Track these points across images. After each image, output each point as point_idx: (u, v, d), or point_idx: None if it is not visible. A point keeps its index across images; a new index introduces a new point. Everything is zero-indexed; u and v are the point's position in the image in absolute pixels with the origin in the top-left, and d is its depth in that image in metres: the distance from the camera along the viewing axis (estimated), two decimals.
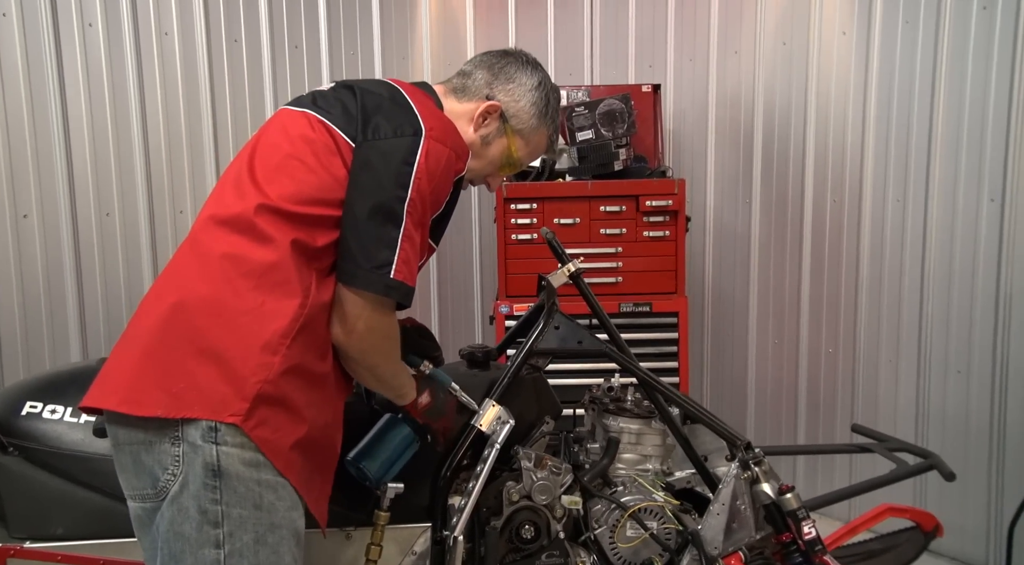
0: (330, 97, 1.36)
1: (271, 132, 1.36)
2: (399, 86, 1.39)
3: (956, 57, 2.50)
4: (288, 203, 1.23)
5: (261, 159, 1.31)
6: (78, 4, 2.31)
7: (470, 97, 1.47)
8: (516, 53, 1.51)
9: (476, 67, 1.49)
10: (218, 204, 1.29)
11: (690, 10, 3.22)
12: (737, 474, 1.56)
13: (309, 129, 1.31)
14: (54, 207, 2.32)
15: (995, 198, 2.46)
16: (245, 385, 1.14)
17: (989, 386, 2.51)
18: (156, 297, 1.26)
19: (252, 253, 1.21)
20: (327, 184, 1.25)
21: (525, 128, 1.49)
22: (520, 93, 1.47)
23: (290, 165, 1.27)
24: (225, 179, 1.35)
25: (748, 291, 3.18)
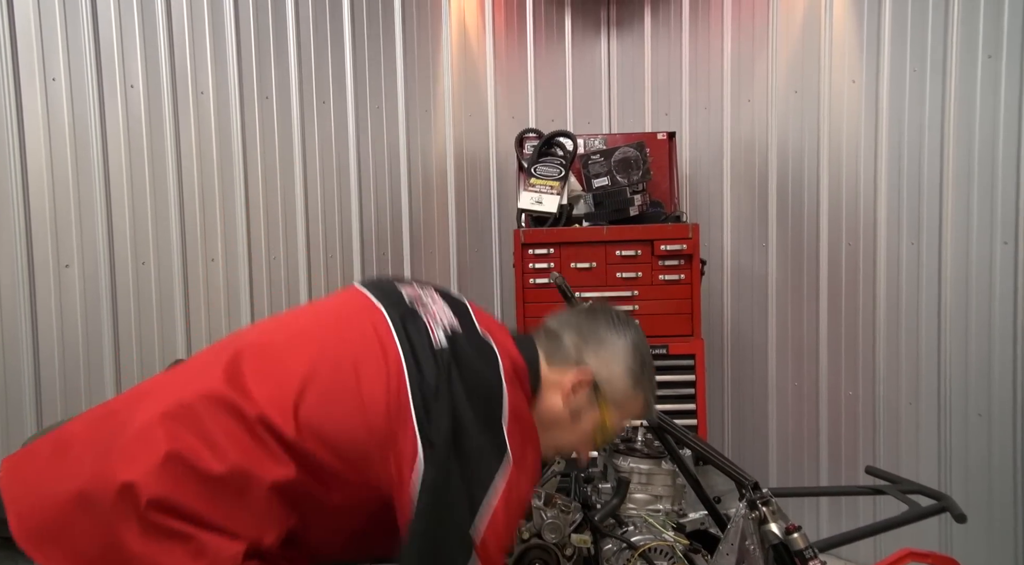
0: (429, 357, 1.17)
1: (358, 346, 1.18)
2: (502, 370, 1.20)
3: (964, 104, 2.55)
4: (319, 446, 1.11)
5: (332, 379, 1.15)
6: (121, 67, 2.47)
7: (560, 364, 1.31)
8: (604, 310, 1.38)
9: (563, 327, 1.34)
10: (257, 380, 1.14)
11: (704, 60, 3.32)
12: (745, 514, 1.58)
13: (394, 397, 1.13)
14: (94, 257, 2.45)
15: (1008, 241, 2.48)
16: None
17: (1011, 429, 2.49)
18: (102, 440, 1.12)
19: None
20: (362, 466, 1.12)
21: (619, 396, 1.33)
22: (612, 357, 1.32)
23: (343, 410, 1.13)
24: (285, 349, 1.19)
25: (767, 333, 3.20)
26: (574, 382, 1.29)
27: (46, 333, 2.38)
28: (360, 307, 1.27)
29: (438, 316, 1.25)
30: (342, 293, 1.36)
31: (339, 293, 1.37)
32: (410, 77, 3.18)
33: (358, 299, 1.30)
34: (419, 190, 3.23)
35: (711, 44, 3.29)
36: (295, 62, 2.85)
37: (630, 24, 3.51)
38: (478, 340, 1.25)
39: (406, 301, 1.28)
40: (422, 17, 3.22)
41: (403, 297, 1.29)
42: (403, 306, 1.26)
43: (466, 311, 1.32)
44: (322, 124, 2.95)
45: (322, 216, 2.96)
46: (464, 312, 1.32)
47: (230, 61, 2.70)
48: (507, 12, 3.43)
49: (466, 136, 3.36)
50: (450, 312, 1.28)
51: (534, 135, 3.11)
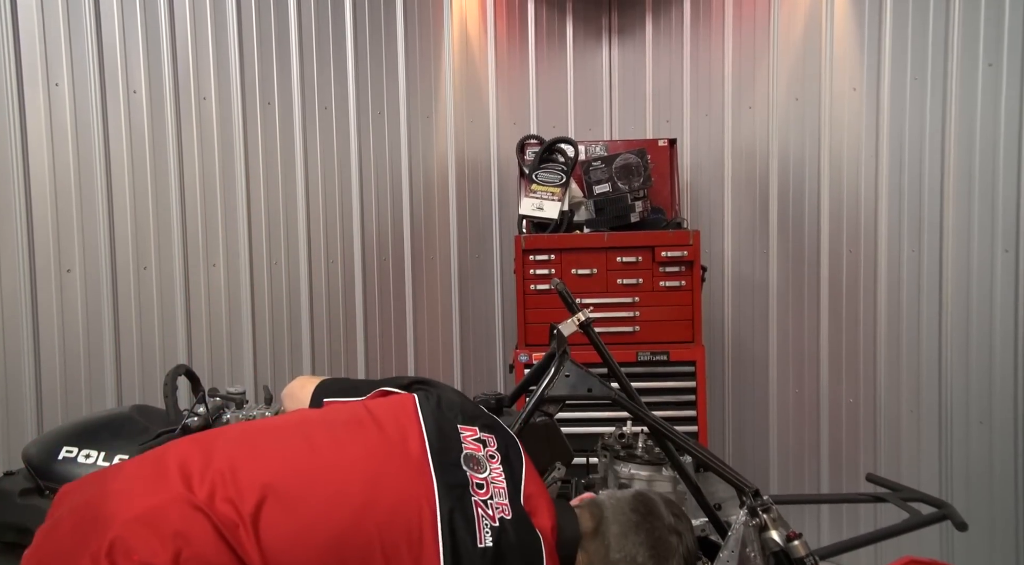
0: (471, 551, 1.13)
1: (400, 517, 1.14)
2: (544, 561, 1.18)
3: (965, 112, 2.55)
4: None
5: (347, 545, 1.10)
6: (124, 72, 2.48)
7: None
8: (673, 549, 1.30)
9: (626, 559, 1.27)
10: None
11: (705, 67, 3.33)
12: (746, 521, 1.58)
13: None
14: (95, 261, 2.45)
15: (1009, 248, 2.48)
16: None
17: (1012, 436, 2.49)
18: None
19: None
20: None
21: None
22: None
23: None
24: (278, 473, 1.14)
25: (767, 340, 3.20)
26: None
27: (47, 337, 2.39)
28: (411, 471, 1.19)
29: (489, 496, 1.21)
30: (396, 424, 1.26)
31: (394, 421, 1.27)
32: (412, 83, 3.19)
33: (412, 453, 1.21)
34: (420, 196, 3.24)
35: (712, 51, 3.30)
36: (297, 67, 2.86)
37: (631, 31, 3.52)
38: (528, 533, 1.20)
39: (461, 466, 1.22)
40: (424, 23, 3.23)
41: (459, 458, 1.23)
42: (455, 475, 1.20)
43: (519, 474, 1.27)
44: (324, 130, 2.96)
45: (324, 221, 2.96)
46: (516, 475, 1.27)
47: (233, 67, 2.71)
48: (508, 18, 3.44)
49: (467, 142, 3.37)
50: (504, 487, 1.23)
51: (535, 141, 3.11)
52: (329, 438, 1.24)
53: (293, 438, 1.24)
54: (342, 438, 1.24)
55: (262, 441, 1.23)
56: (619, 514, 1.30)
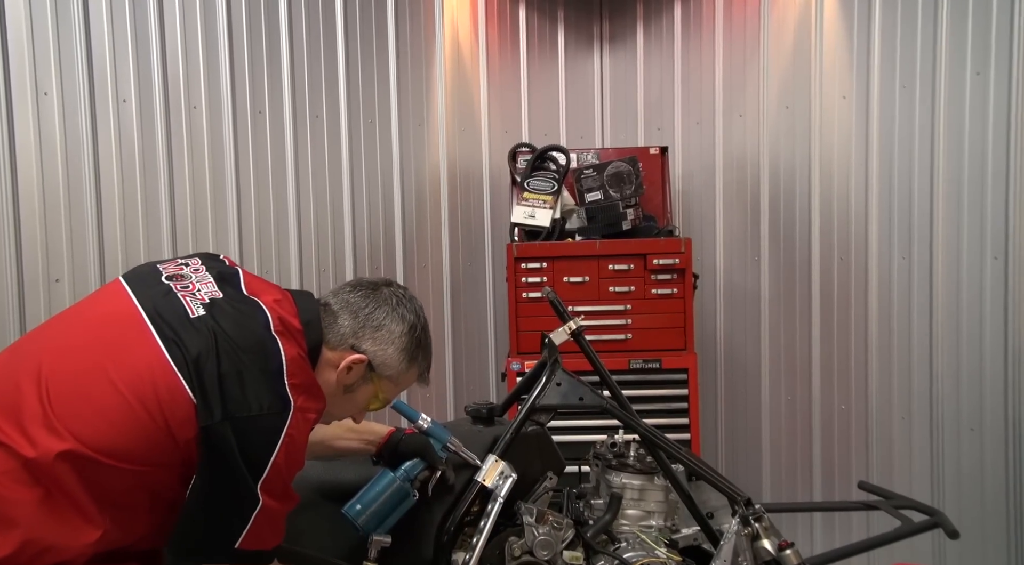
0: (183, 325, 1.19)
1: (101, 342, 1.20)
2: (271, 323, 1.24)
3: (953, 120, 2.57)
4: (91, 450, 1.11)
5: (75, 374, 1.16)
6: (113, 81, 2.47)
7: (335, 345, 1.34)
8: (383, 292, 1.40)
9: (342, 309, 1.37)
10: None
11: (696, 75, 3.34)
12: (738, 530, 1.57)
13: (149, 371, 1.15)
14: (84, 272, 2.44)
15: (998, 256, 2.49)
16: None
17: (1003, 443, 2.50)
18: None
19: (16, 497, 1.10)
20: (149, 442, 1.13)
21: (394, 373, 1.39)
22: (388, 340, 1.36)
23: (111, 404, 1.13)
24: (20, 363, 1.19)
25: (760, 348, 3.20)
26: (347, 364, 1.33)
27: None
28: (114, 304, 1.26)
29: (197, 289, 1.27)
30: (101, 292, 1.36)
31: (99, 291, 1.37)
32: (403, 91, 3.19)
33: (116, 299, 1.28)
34: (412, 204, 3.23)
35: (703, 59, 3.32)
36: (288, 76, 2.86)
37: (623, 39, 3.53)
38: (241, 300, 1.28)
39: (163, 281, 1.28)
40: (416, 31, 3.23)
41: (160, 279, 1.29)
42: (157, 288, 1.27)
43: (234, 279, 1.34)
44: (315, 138, 2.95)
45: (315, 230, 2.95)
46: (232, 279, 1.33)
47: (223, 76, 2.70)
48: (500, 27, 3.45)
49: (459, 150, 3.37)
50: (212, 281, 1.30)
51: (527, 149, 3.12)
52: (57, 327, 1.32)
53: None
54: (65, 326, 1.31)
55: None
56: (350, 292, 1.40)
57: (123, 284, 1.31)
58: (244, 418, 1.14)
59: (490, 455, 1.57)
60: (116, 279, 1.35)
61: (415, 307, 1.42)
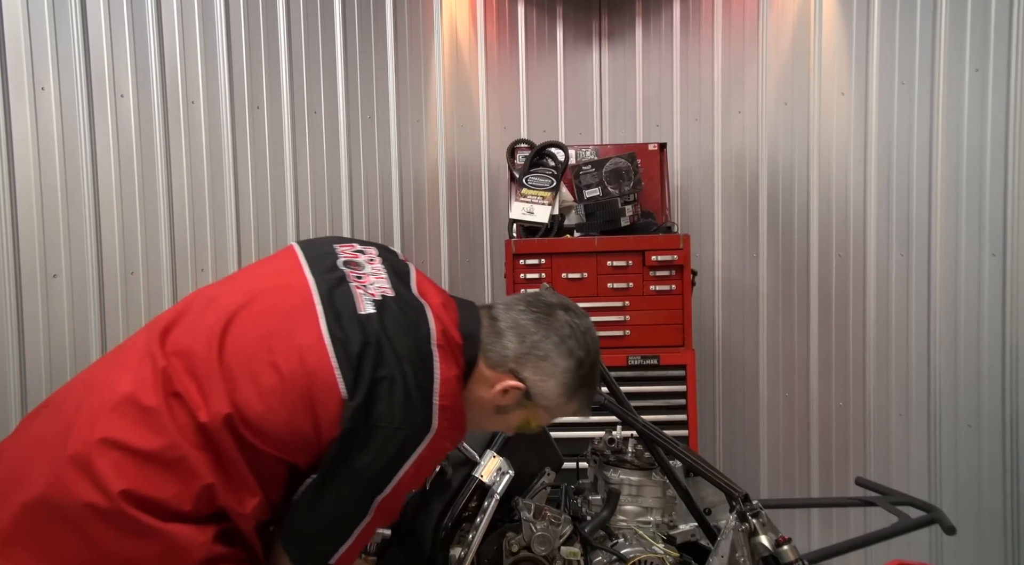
0: (351, 321, 1.16)
1: (273, 316, 1.18)
2: (433, 337, 1.19)
3: (952, 117, 2.57)
4: (245, 426, 1.11)
5: (245, 345, 1.15)
6: (111, 76, 2.47)
7: (495, 366, 1.28)
8: (558, 318, 1.30)
9: (509, 329, 1.29)
10: (181, 361, 1.14)
11: (694, 71, 3.34)
12: (735, 526, 1.57)
13: (312, 361, 1.13)
14: (82, 267, 2.43)
15: (996, 253, 2.49)
16: (190, 555, 1.12)
17: (1000, 440, 2.50)
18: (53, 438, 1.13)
19: (193, 454, 1.11)
20: (295, 431, 1.13)
21: (551, 404, 1.32)
22: (550, 372, 1.29)
23: (270, 387, 1.12)
24: (198, 320, 1.20)
25: (758, 344, 3.20)
26: (502, 388, 1.27)
27: (33, 344, 2.36)
28: (290, 278, 1.24)
29: (370, 282, 1.24)
30: (279, 259, 1.32)
31: (277, 258, 1.34)
32: (402, 87, 3.18)
33: (291, 270, 1.26)
34: (411, 200, 3.23)
35: (702, 55, 3.31)
36: (286, 72, 2.85)
37: (621, 35, 3.52)
38: (410, 304, 1.23)
39: (338, 267, 1.26)
40: (414, 27, 3.22)
41: (336, 263, 1.27)
42: (333, 273, 1.24)
43: (406, 276, 1.31)
44: (313, 134, 2.94)
45: (312, 226, 2.95)
46: (404, 276, 1.30)
47: (221, 71, 2.69)
48: (499, 23, 3.44)
49: (458, 146, 3.36)
50: (386, 277, 1.27)
51: (526, 146, 3.11)
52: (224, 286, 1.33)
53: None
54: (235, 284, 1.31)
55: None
56: (506, 299, 1.37)
57: (300, 258, 1.28)
58: (387, 428, 1.11)
59: (488, 451, 1.58)
60: (292, 247, 1.33)
61: (587, 341, 1.31)
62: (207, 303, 1.24)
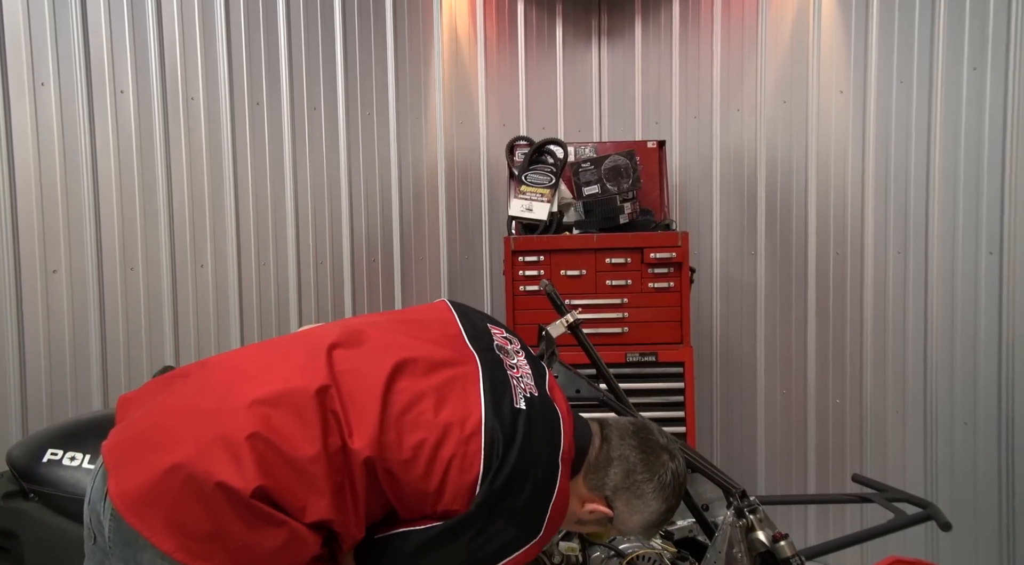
0: (508, 414, 1.23)
1: (447, 380, 1.26)
2: (562, 449, 1.27)
3: (950, 115, 2.58)
4: (384, 469, 1.18)
5: (408, 390, 1.22)
6: (111, 72, 2.47)
7: (591, 486, 1.36)
8: (663, 461, 1.38)
9: (619, 460, 1.37)
10: (352, 382, 1.21)
11: (693, 69, 3.34)
12: (733, 522, 1.59)
13: (466, 425, 1.20)
14: (81, 262, 2.44)
15: (993, 251, 2.50)
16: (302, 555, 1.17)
17: (996, 437, 2.51)
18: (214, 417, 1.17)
19: (331, 474, 1.17)
20: (420, 491, 1.19)
21: (626, 529, 1.43)
22: (640, 510, 1.38)
23: (420, 436, 1.19)
24: (384, 352, 1.26)
25: (755, 341, 3.21)
26: (591, 509, 1.36)
27: (33, 338, 2.37)
28: (457, 347, 1.32)
29: (520, 375, 1.32)
30: (437, 313, 1.39)
31: (433, 312, 1.40)
32: (401, 84, 3.19)
33: (454, 337, 1.34)
34: (410, 197, 3.23)
35: (701, 53, 3.32)
36: (286, 68, 2.85)
37: (621, 33, 3.53)
38: (551, 409, 1.31)
39: (495, 350, 1.34)
40: (413, 24, 3.23)
41: (493, 345, 1.35)
42: (490, 354, 1.32)
43: (543, 377, 1.37)
44: (313, 130, 2.95)
45: (312, 222, 2.95)
46: (541, 377, 1.37)
47: (221, 67, 2.70)
48: (498, 20, 3.45)
49: (457, 143, 3.37)
50: (531, 373, 1.35)
51: (525, 143, 3.12)
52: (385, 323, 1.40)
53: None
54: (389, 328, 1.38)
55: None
56: (618, 424, 1.42)
57: (458, 325, 1.37)
58: (505, 523, 1.18)
59: None
60: (447, 306, 1.42)
61: (680, 488, 1.41)
62: (376, 337, 1.29)
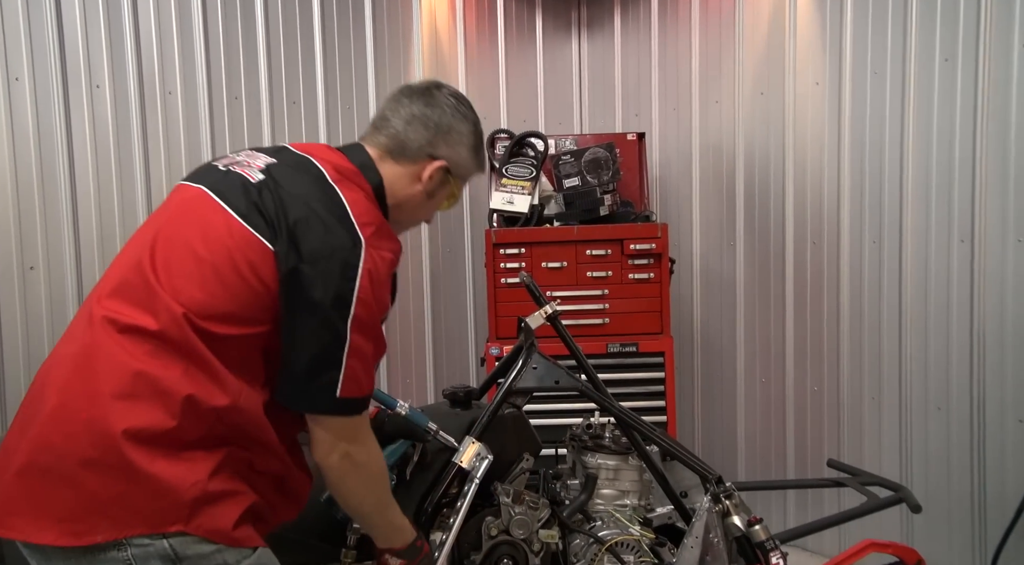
0: (246, 191, 1.26)
1: (180, 223, 1.26)
2: (326, 174, 1.30)
3: (922, 106, 2.62)
4: (200, 318, 1.17)
5: (167, 257, 1.22)
6: (87, 67, 2.45)
7: (411, 158, 1.42)
8: (442, 97, 1.46)
9: (408, 125, 1.42)
10: (120, 301, 1.19)
11: (672, 62, 3.36)
12: (709, 507, 1.62)
13: (227, 234, 1.22)
14: (59, 259, 2.43)
15: (965, 239, 2.55)
16: (179, 496, 1.12)
17: (968, 422, 2.56)
18: (56, 396, 1.15)
19: (163, 372, 1.14)
20: (244, 301, 1.19)
21: (465, 170, 1.50)
22: (459, 141, 1.46)
23: (204, 274, 1.19)
24: (124, 266, 1.24)
25: (735, 331, 3.25)
26: (429, 173, 1.43)
27: (10, 335, 2.36)
28: (186, 195, 1.32)
29: (251, 164, 1.33)
30: (172, 195, 1.38)
31: (171, 196, 1.38)
32: (381, 77, 3.18)
33: (183, 190, 1.33)
34: None
35: (679, 46, 3.34)
36: (264, 62, 2.85)
37: (600, 25, 3.54)
38: (294, 159, 1.34)
39: (220, 168, 1.34)
40: (393, 17, 3.22)
41: (217, 168, 1.34)
42: (216, 174, 1.33)
43: (285, 148, 1.40)
44: (292, 125, 2.94)
45: None
46: (283, 149, 1.40)
47: (199, 61, 2.69)
48: (478, 13, 3.45)
49: None
50: (266, 155, 1.36)
51: (505, 136, 3.13)
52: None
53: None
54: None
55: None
56: (406, 102, 1.46)
57: (185, 182, 1.36)
58: (323, 259, 1.19)
59: (467, 438, 1.60)
60: (176, 184, 1.40)
61: (468, 103, 1.50)
62: (123, 256, 1.29)
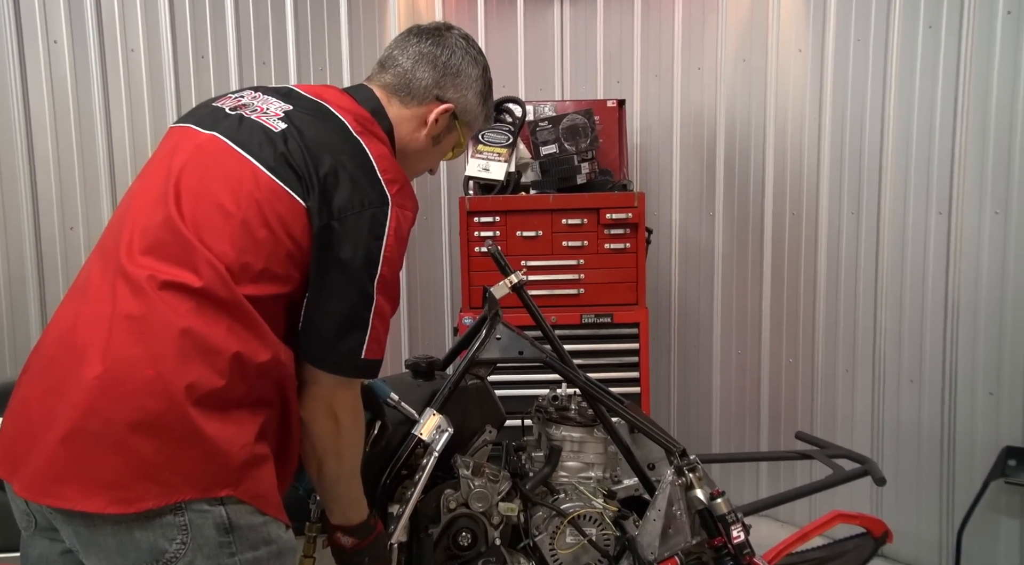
0: (272, 141, 1.20)
1: (203, 176, 1.19)
2: (348, 126, 1.25)
3: (905, 74, 2.57)
4: (234, 274, 1.13)
5: (195, 212, 1.15)
6: (43, 21, 2.36)
7: (417, 100, 1.37)
8: (452, 38, 1.40)
9: (416, 63, 1.37)
10: (156, 259, 1.12)
11: (655, 27, 3.29)
12: (672, 481, 1.60)
13: (255, 188, 1.17)
14: (17, 223, 2.36)
15: (942, 211, 2.52)
16: (231, 459, 1.11)
17: (939, 395, 2.57)
18: (80, 358, 1.09)
19: (209, 329, 1.10)
20: (275, 257, 1.16)
21: (472, 117, 1.45)
22: (467, 85, 1.40)
23: (233, 229, 1.14)
24: (151, 223, 1.16)
25: (712, 303, 3.23)
26: (435, 116, 1.38)
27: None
28: (195, 140, 1.24)
29: (265, 110, 1.27)
30: (172, 139, 1.29)
31: (167, 141, 1.30)
32: (355, 38, 3.09)
33: (190, 137, 1.25)
34: None
35: (663, 11, 3.26)
36: (232, 19, 2.75)
37: None
38: (311, 105, 1.29)
39: (229, 113, 1.27)
40: None
41: (225, 113, 1.28)
42: (228, 121, 1.26)
43: (292, 90, 1.34)
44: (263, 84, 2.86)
45: None
46: (293, 92, 1.34)
47: (163, 16, 2.59)
48: None
49: None
50: (277, 99, 1.30)
51: None
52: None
53: None
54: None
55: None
56: (416, 42, 1.40)
57: (190, 126, 1.27)
58: (353, 215, 1.17)
59: (428, 409, 1.57)
60: (174, 127, 1.31)
61: (479, 48, 1.45)
62: (139, 210, 1.20)
